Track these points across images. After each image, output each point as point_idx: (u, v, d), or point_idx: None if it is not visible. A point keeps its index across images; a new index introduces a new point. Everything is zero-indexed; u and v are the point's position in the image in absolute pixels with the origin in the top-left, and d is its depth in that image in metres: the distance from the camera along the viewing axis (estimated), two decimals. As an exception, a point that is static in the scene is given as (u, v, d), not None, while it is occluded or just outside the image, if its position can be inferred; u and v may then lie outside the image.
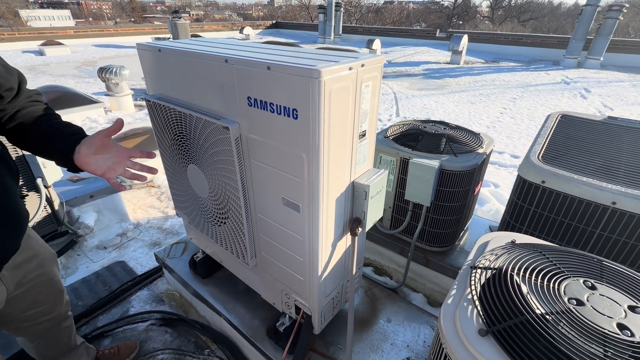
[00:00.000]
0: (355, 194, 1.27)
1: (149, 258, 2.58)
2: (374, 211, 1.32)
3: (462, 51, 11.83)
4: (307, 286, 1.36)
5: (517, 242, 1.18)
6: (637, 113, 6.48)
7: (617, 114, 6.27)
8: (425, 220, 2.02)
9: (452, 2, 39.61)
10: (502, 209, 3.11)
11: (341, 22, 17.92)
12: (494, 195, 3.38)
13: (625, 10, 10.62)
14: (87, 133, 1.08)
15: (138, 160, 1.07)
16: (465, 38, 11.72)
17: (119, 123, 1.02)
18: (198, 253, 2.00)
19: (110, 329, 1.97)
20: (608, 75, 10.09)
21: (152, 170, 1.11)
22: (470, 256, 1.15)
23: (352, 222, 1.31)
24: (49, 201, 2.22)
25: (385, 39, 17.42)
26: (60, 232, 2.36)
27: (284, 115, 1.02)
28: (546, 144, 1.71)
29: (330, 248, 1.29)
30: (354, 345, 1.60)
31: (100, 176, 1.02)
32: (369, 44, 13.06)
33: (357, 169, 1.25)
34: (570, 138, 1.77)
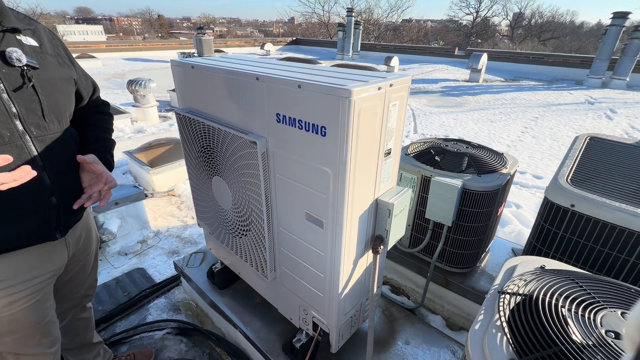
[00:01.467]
0: (379, 212, 1.26)
1: (168, 266, 2.62)
2: (397, 229, 1.31)
3: (481, 69, 11.77)
4: (326, 303, 1.34)
5: (546, 268, 1.14)
6: (667, 135, 6.23)
7: (646, 136, 6.04)
8: (446, 240, 1.97)
9: (470, 21, 39.78)
10: (525, 230, 3.01)
11: (360, 39, 18.25)
12: (516, 217, 3.28)
13: (652, 31, 10.37)
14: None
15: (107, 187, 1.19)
16: (484, 56, 11.68)
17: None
18: (216, 264, 2.02)
19: (127, 335, 1.99)
20: (635, 96, 9.79)
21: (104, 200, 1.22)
22: (497, 280, 1.11)
23: (374, 239, 1.30)
24: (77, 207, 2.30)
25: (403, 56, 17.57)
26: (86, 237, 2.43)
27: (312, 132, 1.04)
28: (575, 166, 1.66)
29: (352, 265, 1.28)
30: (371, 366, 1.56)
31: (84, 187, 1.17)
32: (387, 61, 13.20)
33: (382, 187, 1.25)
34: (600, 161, 1.71)
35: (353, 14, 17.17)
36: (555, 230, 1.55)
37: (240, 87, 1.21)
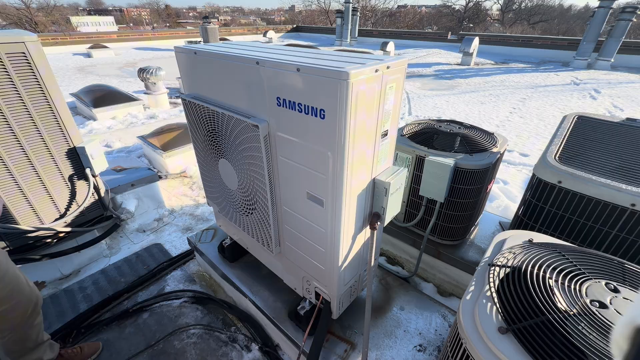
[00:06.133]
0: (376, 191, 1.22)
1: (182, 241, 2.63)
2: (393, 207, 1.27)
3: (472, 53, 11.35)
4: (327, 275, 1.33)
5: (534, 241, 1.11)
6: (647, 114, 6.06)
7: (628, 115, 5.88)
8: (438, 215, 1.94)
9: (463, 6, 38.04)
10: (511, 205, 2.98)
11: (357, 25, 17.54)
12: (503, 192, 3.24)
13: (639, 12, 9.87)
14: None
15: None
16: (476, 40, 11.23)
17: None
18: (226, 239, 2.01)
19: (149, 304, 2.01)
20: (619, 76, 9.46)
21: None
22: (488, 253, 1.09)
23: (371, 216, 1.27)
24: (96, 189, 2.27)
25: (398, 41, 16.96)
26: (106, 216, 2.42)
27: (312, 115, 0.98)
28: (563, 144, 1.60)
29: (351, 240, 1.26)
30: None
31: None
32: (383, 46, 12.74)
33: (379, 167, 1.20)
34: (587, 139, 1.65)
35: (351, 1, 16.41)
36: (542, 206, 1.51)
37: (241, 71, 1.14)
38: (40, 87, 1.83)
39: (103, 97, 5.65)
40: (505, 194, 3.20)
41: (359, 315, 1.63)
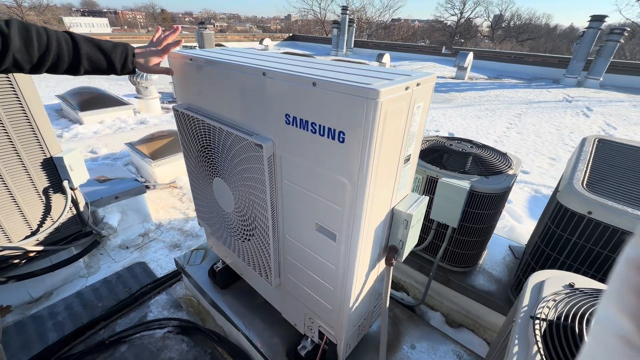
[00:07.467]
0: (394, 222, 1.07)
1: (169, 260, 2.42)
2: (412, 239, 1.12)
3: (467, 67, 11.51)
4: (335, 315, 1.16)
5: (576, 287, 0.97)
6: None
7: (622, 134, 5.94)
8: (449, 241, 1.80)
9: (455, 22, 39.07)
10: (517, 226, 2.87)
11: (353, 36, 17.70)
12: (507, 211, 3.14)
13: (626, 34, 10.19)
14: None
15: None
16: (470, 55, 11.40)
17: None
18: (218, 263, 1.82)
19: (128, 334, 1.80)
20: (608, 95, 9.68)
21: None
22: (525, 301, 0.94)
23: (387, 250, 1.11)
24: (75, 203, 2.06)
25: (394, 53, 17.15)
26: (85, 232, 2.20)
27: (328, 137, 0.83)
28: (588, 170, 1.48)
29: (364, 278, 1.10)
30: (376, 372, 1.40)
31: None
32: (379, 58, 12.82)
33: (398, 195, 1.05)
34: (611, 165, 1.54)
35: (347, 12, 16.59)
36: (567, 236, 1.38)
37: (245, 83, 0.99)
38: (13, 88, 1.63)
39: (91, 100, 5.41)
40: (510, 214, 3.10)
41: (365, 355, 1.45)
